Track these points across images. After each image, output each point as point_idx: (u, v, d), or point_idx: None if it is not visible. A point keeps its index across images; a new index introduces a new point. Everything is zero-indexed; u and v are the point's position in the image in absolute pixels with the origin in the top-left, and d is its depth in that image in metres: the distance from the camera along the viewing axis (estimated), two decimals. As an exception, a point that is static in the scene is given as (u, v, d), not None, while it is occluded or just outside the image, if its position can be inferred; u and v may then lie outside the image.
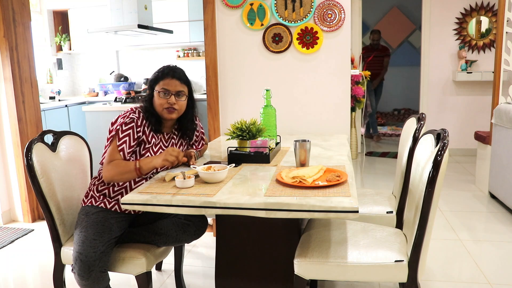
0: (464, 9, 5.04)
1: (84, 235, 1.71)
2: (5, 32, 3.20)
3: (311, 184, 1.57)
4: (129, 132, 1.82)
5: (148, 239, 1.84)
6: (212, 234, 3.05)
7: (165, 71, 1.91)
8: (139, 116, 1.87)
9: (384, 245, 1.64)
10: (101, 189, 1.89)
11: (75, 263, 1.67)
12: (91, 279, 1.66)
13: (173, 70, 1.93)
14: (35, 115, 3.47)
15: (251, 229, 1.79)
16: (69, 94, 6.08)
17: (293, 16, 2.89)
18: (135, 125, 1.84)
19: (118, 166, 1.77)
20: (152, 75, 1.96)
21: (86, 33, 5.23)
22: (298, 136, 2.63)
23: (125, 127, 1.82)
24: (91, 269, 1.65)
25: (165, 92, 1.88)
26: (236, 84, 3.06)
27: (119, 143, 1.80)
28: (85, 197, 1.91)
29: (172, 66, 1.96)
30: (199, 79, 5.77)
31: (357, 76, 4.90)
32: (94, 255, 1.66)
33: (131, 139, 1.82)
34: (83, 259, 1.65)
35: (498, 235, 2.92)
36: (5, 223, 3.42)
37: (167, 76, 1.89)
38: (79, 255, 1.66)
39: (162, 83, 1.89)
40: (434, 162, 1.43)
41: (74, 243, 1.73)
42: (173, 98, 1.88)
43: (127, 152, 1.82)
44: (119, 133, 1.81)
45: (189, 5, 5.22)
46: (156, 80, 1.91)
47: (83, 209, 1.86)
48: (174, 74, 1.90)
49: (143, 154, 1.87)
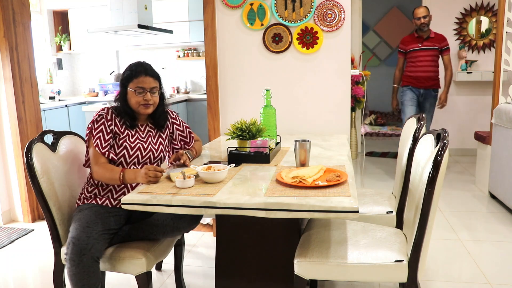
0: (464, 9, 5.04)
1: (78, 223, 1.75)
2: (5, 32, 3.20)
3: (311, 184, 1.57)
4: (101, 128, 1.90)
5: (146, 232, 1.85)
6: (212, 234, 3.05)
7: (138, 69, 1.96)
8: (107, 112, 1.95)
9: (384, 245, 1.64)
10: (91, 190, 1.94)
11: (68, 247, 1.68)
12: (82, 265, 1.65)
13: (145, 67, 1.98)
14: (35, 115, 3.47)
15: (251, 229, 1.79)
16: (69, 94, 6.08)
17: (293, 16, 2.89)
18: (105, 120, 1.92)
19: (106, 171, 1.83)
20: (123, 73, 2.00)
21: (86, 33, 5.24)
22: (298, 136, 2.63)
23: (96, 124, 1.91)
24: (82, 253, 1.65)
25: (141, 90, 1.94)
26: (236, 84, 3.06)
27: (93, 140, 1.88)
28: (78, 200, 1.96)
29: (141, 62, 2.02)
30: (199, 79, 5.76)
31: (357, 76, 4.89)
32: (86, 239, 1.68)
33: (104, 133, 1.90)
34: (75, 242, 1.67)
35: (498, 235, 2.92)
36: (5, 223, 3.42)
37: (140, 74, 1.95)
38: (72, 239, 1.69)
39: (136, 81, 1.94)
40: (434, 162, 1.43)
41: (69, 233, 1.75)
42: (148, 95, 1.95)
43: (103, 147, 1.88)
44: (92, 131, 1.90)
45: (189, 5, 5.23)
46: (129, 79, 1.95)
47: (77, 209, 1.91)
48: (147, 72, 1.96)
49: (120, 145, 1.93)
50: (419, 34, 4.13)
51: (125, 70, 2.00)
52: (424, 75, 4.11)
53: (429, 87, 4.16)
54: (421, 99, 4.20)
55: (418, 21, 4.04)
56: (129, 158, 1.94)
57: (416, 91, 4.16)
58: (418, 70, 4.11)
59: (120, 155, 1.93)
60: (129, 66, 2.01)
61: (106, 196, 1.92)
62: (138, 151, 1.95)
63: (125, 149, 1.93)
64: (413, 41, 4.15)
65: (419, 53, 4.10)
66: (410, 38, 4.20)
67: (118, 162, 1.93)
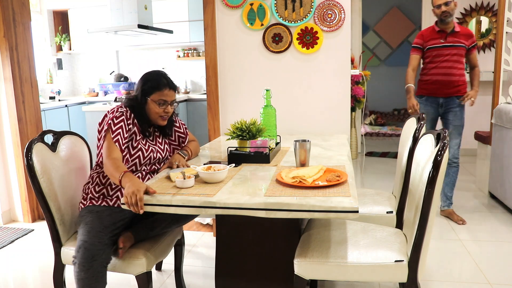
0: (464, 9, 5.04)
1: (90, 226, 1.73)
2: (5, 32, 3.20)
3: (311, 184, 1.57)
4: (121, 125, 1.88)
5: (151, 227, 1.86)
6: (212, 234, 3.05)
7: (161, 82, 1.96)
8: (127, 110, 1.93)
9: (384, 245, 1.64)
10: (99, 190, 1.92)
11: (78, 251, 1.66)
12: (91, 271, 1.64)
13: (168, 80, 1.99)
14: (35, 115, 3.47)
15: (251, 229, 1.78)
16: (69, 94, 6.08)
17: (293, 16, 2.89)
18: (125, 118, 1.90)
19: (112, 166, 1.75)
20: (145, 83, 1.97)
21: (86, 33, 5.24)
22: (298, 136, 2.63)
23: (116, 120, 1.88)
24: (94, 259, 1.64)
25: (162, 103, 1.96)
26: (236, 84, 3.06)
27: (113, 135, 1.84)
28: (83, 200, 1.93)
29: (162, 73, 2.02)
30: (199, 79, 5.76)
31: (357, 76, 4.90)
32: (99, 244, 1.66)
33: (124, 131, 1.88)
34: (88, 247, 1.65)
35: (498, 235, 2.92)
36: (5, 223, 3.42)
37: (164, 87, 1.96)
38: (83, 243, 1.66)
39: (159, 94, 1.95)
40: (434, 162, 1.43)
41: (79, 235, 1.73)
42: (169, 107, 1.98)
43: (122, 144, 1.86)
44: (111, 126, 1.86)
45: (189, 5, 5.22)
46: (152, 90, 1.95)
47: (85, 209, 1.88)
48: (170, 85, 1.98)
49: (135, 147, 1.93)
50: (440, 26, 3.20)
51: (146, 80, 1.99)
52: (447, 79, 3.19)
53: (452, 94, 3.22)
54: (442, 110, 3.27)
55: (438, 10, 3.12)
56: (143, 160, 1.95)
57: (435, 102, 3.26)
58: (439, 73, 3.20)
59: (135, 156, 1.93)
60: (151, 76, 1.99)
61: (116, 196, 1.91)
62: (151, 153, 1.97)
63: (140, 151, 1.93)
64: (434, 35, 3.22)
65: (441, 51, 3.19)
66: (430, 32, 3.28)
67: (131, 163, 1.92)
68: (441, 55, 3.19)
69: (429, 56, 3.25)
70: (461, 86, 3.22)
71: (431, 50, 3.23)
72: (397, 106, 8.33)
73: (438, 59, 3.20)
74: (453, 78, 3.19)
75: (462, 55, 3.23)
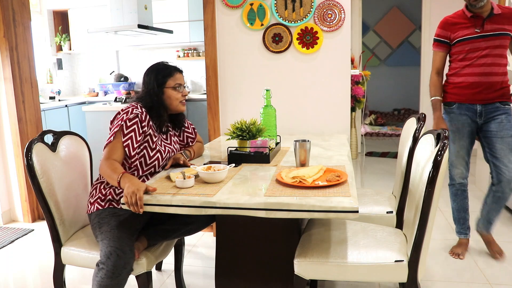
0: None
1: (119, 232, 1.67)
2: (5, 32, 3.20)
3: (311, 184, 1.57)
4: (134, 128, 1.82)
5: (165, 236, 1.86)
6: (212, 234, 3.05)
7: (171, 68, 2.00)
8: (142, 111, 1.87)
9: (384, 245, 1.64)
10: (119, 193, 1.85)
11: (109, 257, 1.59)
12: (119, 279, 1.59)
13: (173, 65, 2.03)
14: (35, 115, 3.47)
15: (251, 229, 1.79)
16: (69, 94, 6.08)
17: (293, 16, 2.89)
18: (139, 120, 1.84)
19: (109, 167, 1.71)
20: (156, 74, 1.96)
21: (86, 33, 5.23)
22: (298, 136, 2.63)
23: (129, 122, 1.82)
24: (125, 267, 1.60)
25: (180, 86, 1.98)
26: (236, 84, 3.06)
27: (124, 139, 1.79)
28: (100, 201, 1.84)
29: (164, 62, 2.05)
30: (199, 79, 5.76)
31: (357, 76, 4.90)
32: (130, 252, 1.63)
33: (137, 134, 1.82)
34: (121, 254, 1.59)
35: (498, 235, 2.92)
36: (5, 223, 3.42)
37: (175, 72, 1.99)
38: (115, 249, 1.60)
39: (173, 79, 1.97)
40: (434, 162, 1.43)
41: (104, 239, 1.66)
42: (185, 90, 2.01)
43: (133, 148, 1.80)
44: (123, 129, 1.80)
45: (189, 5, 5.22)
46: (166, 78, 1.96)
47: (104, 211, 1.81)
48: (178, 69, 2.02)
49: (153, 148, 1.89)
50: (474, 10, 2.39)
51: (156, 71, 1.97)
52: (486, 81, 2.39)
53: (493, 100, 2.42)
54: (481, 121, 2.46)
55: None
56: (162, 161, 1.92)
57: (470, 110, 2.46)
58: (475, 73, 2.39)
59: (154, 158, 1.89)
60: (158, 66, 2.00)
61: None
62: (168, 154, 1.96)
63: (158, 153, 1.91)
64: (465, 23, 2.41)
65: (477, 44, 2.38)
66: (459, 18, 2.46)
67: (151, 165, 1.88)
68: (478, 49, 2.38)
69: (460, 52, 2.44)
70: (505, 89, 2.42)
71: (462, 43, 2.42)
72: (397, 106, 8.34)
73: (474, 55, 2.39)
74: (495, 79, 2.39)
75: (506, 47, 2.39)
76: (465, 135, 2.49)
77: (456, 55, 2.48)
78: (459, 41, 2.43)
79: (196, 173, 1.73)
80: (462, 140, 2.50)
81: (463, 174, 2.59)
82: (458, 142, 2.53)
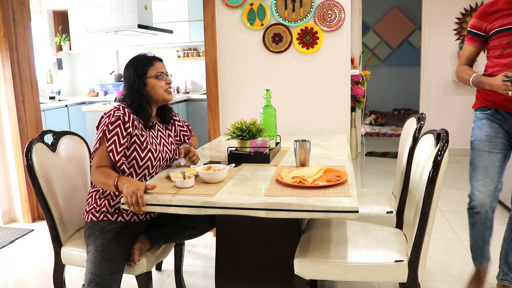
0: (464, 9, 5.04)
1: (101, 255, 1.64)
2: (5, 32, 3.20)
3: (311, 184, 1.57)
4: (116, 131, 1.74)
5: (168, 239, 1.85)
6: (212, 234, 3.05)
7: (149, 57, 1.92)
8: (124, 113, 1.79)
9: (384, 245, 1.64)
10: (113, 204, 1.80)
11: (89, 285, 1.61)
12: None
13: (152, 55, 1.94)
14: (35, 115, 3.47)
15: (251, 229, 1.78)
16: (69, 94, 6.08)
17: (293, 16, 2.89)
18: (122, 122, 1.76)
19: (102, 175, 1.69)
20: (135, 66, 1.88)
21: (86, 33, 5.24)
22: (298, 136, 2.63)
23: (111, 127, 1.74)
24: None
25: (162, 74, 1.91)
26: (236, 84, 3.06)
27: (107, 144, 1.72)
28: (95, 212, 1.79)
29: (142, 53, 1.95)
30: (199, 79, 5.77)
31: (357, 76, 4.90)
32: (110, 277, 1.61)
33: (120, 137, 1.74)
34: (99, 281, 1.60)
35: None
36: (5, 223, 3.42)
37: (154, 61, 1.92)
38: (94, 277, 1.60)
39: (154, 68, 1.89)
40: (434, 162, 1.43)
41: (88, 261, 1.66)
42: (169, 77, 1.95)
43: (117, 152, 1.73)
44: (106, 134, 1.73)
45: (189, 5, 5.23)
46: (145, 68, 1.88)
47: (96, 224, 1.77)
48: (156, 58, 1.94)
49: (144, 148, 1.81)
50: None
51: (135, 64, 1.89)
52: None
53: None
54: None
55: None
56: (155, 161, 1.85)
57: (504, 121, 2.00)
58: None
59: (146, 158, 1.81)
60: (136, 59, 1.91)
61: None
62: (160, 153, 1.88)
63: (150, 152, 1.82)
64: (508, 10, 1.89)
65: None
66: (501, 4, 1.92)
67: (144, 166, 1.82)
68: None
69: (497, 47, 1.96)
70: None
71: (499, 35, 1.92)
72: (397, 106, 8.34)
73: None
74: None
75: None
76: (498, 146, 1.99)
77: (493, 51, 1.99)
78: (495, 33, 1.93)
79: (196, 173, 1.73)
80: (493, 153, 1.99)
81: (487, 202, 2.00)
82: (487, 156, 1.99)
